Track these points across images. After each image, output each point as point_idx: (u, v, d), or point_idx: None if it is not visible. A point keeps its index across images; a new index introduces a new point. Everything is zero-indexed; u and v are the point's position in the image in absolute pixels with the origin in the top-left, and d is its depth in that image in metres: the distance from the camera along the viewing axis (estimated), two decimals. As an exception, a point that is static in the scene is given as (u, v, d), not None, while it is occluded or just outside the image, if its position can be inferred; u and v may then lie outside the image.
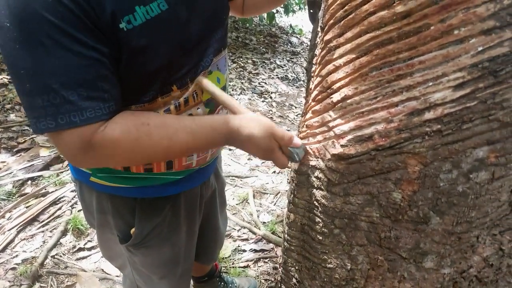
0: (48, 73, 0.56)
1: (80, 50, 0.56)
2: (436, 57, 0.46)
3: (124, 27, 0.60)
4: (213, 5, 0.76)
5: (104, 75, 0.60)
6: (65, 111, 0.57)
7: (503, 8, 0.41)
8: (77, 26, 0.55)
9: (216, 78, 0.81)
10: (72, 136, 0.60)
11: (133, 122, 0.64)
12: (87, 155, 0.62)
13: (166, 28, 0.65)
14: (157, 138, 0.64)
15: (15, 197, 2.02)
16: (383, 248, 0.61)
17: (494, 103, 0.45)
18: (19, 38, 0.54)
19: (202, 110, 0.80)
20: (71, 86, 0.57)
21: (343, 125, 0.57)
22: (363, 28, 0.51)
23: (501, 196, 0.52)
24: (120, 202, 0.85)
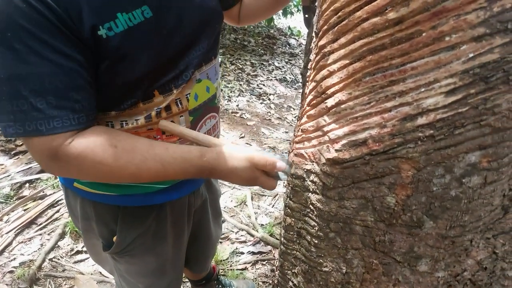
0: (18, 78, 0.55)
1: (53, 58, 0.55)
2: (428, 63, 0.46)
3: (104, 34, 0.59)
4: (204, 15, 0.75)
5: (77, 85, 0.59)
6: (32, 118, 0.56)
7: (493, 15, 0.42)
8: (53, 32, 0.54)
9: (205, 87, 0.80)
10: (40, 144, 0.59)
11: (101, 141, 0.62)
12: (55, 164, 0.61)
13: (148, 36, 0.64)
14: (123, 162, 0.62)
15: (13, 200, 2.02)
16: (378, 252, 0.61)
17: (486, 108, 0.46)
18: None
19: (185, 119, 0.78)
20: (40, 93, 0.56)
21: (338, 130, 0.58)
22: (356, 34, 0.51)
23: (494, 200, 0.53)
24: (103, 209, 0.84)
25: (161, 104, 0.73)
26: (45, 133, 0.58)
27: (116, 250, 0.87)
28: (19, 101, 0.56)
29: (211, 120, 0.86)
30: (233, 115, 3.75)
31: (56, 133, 0.58)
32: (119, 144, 0.63)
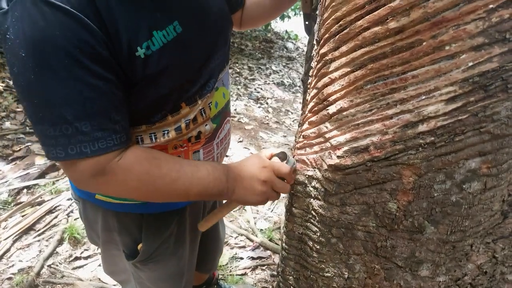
0: (62, 104, 0.56)
1: (94, 82, 0.57)
2: (429, 71, 0.47)
3: (142, 54, 0.61)
4: (220, 23, 0.77)
5: (116, 106, 0.62)
6: (76, 141, 0.58)
7: (491, 25, 0.43)
8: (93, 58, 0.56)
9: (222, 94, 0.82)
10: (84, 165, 0.61)
11: (145, 155, 0.66)
12: (98, 182, 0.64)
13: (181, 50, 0.67)
14: (165, 170, 0.67)
15: (10, 206, 2.01)
16: (380, 257, 0.62)
17: (485, 116, 0.47)
18: (35, 68, 0.54)
19: (210, 126, 0.82)
20: (84, 117, 0.58)
21: (339, 137, 0.58)
22: (357, 43, 0.52)
23: (493, 206, 0.54)
24: (126, 218, 0.86)
25: (189, 115, 0.75)
26: (89, 155, 0.59)
27: (142, 258, 0.88)
28: (63, 125, 0.57)
29: (227, 124, 0.90)
30: (231, 119, 3.75)
31: (101, 154, 0.60)
32: (161, 156, 0.68)
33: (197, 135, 0.80)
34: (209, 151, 0.86)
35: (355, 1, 0.51)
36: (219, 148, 0.90)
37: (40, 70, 0.54)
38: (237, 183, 0.70)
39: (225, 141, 0.94)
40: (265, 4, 0.92)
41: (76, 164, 0.62)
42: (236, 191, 0.71)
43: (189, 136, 0.79)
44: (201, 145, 0.83)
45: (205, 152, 0.85)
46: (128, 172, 0.64)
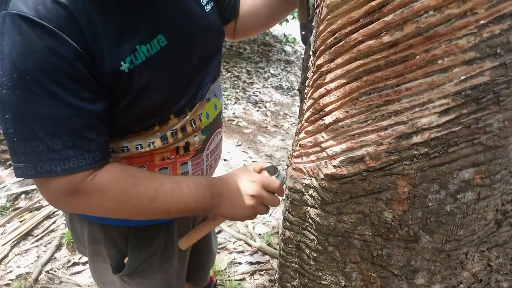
0: (35, 120, 0.56)
1: (71, 101, 0.56)
2: (422, 84, 0.48)
3: (126, 69, 0.61)
4: (211, 35, 0.78)
5: (93, 124, 0.61)
6: (46, 159, 0.57)
7: (482, 40, 0.43)
8: (70, 75, 0.55)
9: (213, 105, 0.83)
10: (56, 184, 0.60)
11: (121, 173, 0.65)
12: (71, 201, 0.63)
13: (166, 64, 0.67)
14: (143, 188, 0.65)
15: (8, 211, 2.01)
16: (376, 266, 0.62)
17: (478, 128, 0.48)
18: (9, 84, 0.54)
19: (199, 138, 0.81)
20: (57, 134, 0.57)
21: (335, 147, 0.59)
22: (352, 55, 0.53)
23: (487, 215, 0.54)
24: (112, 231, 0.84)
25: (176, 126, 0.75)
26: (59, 173, 0.58)
27: (127, 271, 0.87)
28: (33, 142, 0.56)
29: (218, 136, 0.89)
30: (230, 123, 3.76)
31: (71, 173, 0.59)
32: (138, 173, 0.67)
33: (185, 146, 0.80)
34: (198, 163, 0.86)
35: (350, 15, 0.52)
36: (208, 160, 0.90)
37: (13, 86, 0.54)
38: (223, 199, 0.70)
39: (216, 152, 0.93)
40: (260, 15, 0.92)
41: (48, 183, 0.60)
42: (222, 207, 0.70)
43: (176, 146, 0.78)
44: (190, 156, 0.82)
45: (193, 164, 0.85)
46: (103, 191, 0.63)
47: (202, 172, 0.87)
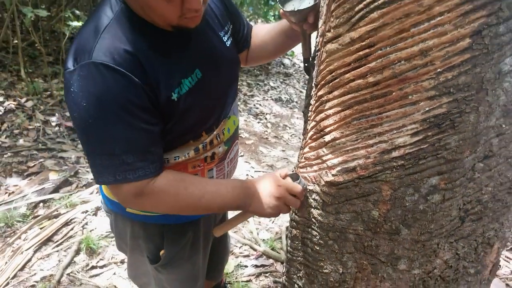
0: (113, 141, 0.73)
1: (138, 125, 0.74)
2: (398, 113, 0.64)
3: (175, 98, 0.78)
4: (232, 65, 0.95)
5: (155, 142, 0.78)
6: (122, 170, 0.75)
7: (440, 83, 0.60)
8: (138, 106, 0.73)
9: (233, 121, 1.00)
10: (128, 188, 0.77)
11: (174, 178, 0.82)
12: (139, 201, 0.80)
13: (201, 92, 0.84)
14: (191, 190, 0.82)
15: (29, 219, 2.14)
16: (367, 255, 0.78)
17: (440, 145, 0.64)
18: (94, 115, 0.70)
19: (222, 148, 0.98)
20: (130, 151, 0.74)
21: (334, 159, 0.75)
22: (346, 89, 0.69)
23: (452, 212, 0.70)
24: (151, 228, 1.01)
25: (206, 140, 0.92)
26: (131, 180, 0.76)
27: (163, 262, 1.04)
28: (112, 157, 0.73)
29: (236, 146, 1.07)
30: (233, 135, 3.91)
31: (141, 180, 0.76)
32: (186, 178, 0.84)
33: (212, 156, 0.97)
34: (220, 169, 1.03)
35: (344, 60, 0.68)
36: (229, 166, 1.07)
37: (97, 116, 0.71)
38: (254, 199, 0.85)
39: (234, 160, 1.10)
40: (268, 48, 1.09)
41: (121, 188, 0.78)
42: (253, 205, 0.86)
43: (205, 156, 0.95)
44: (215, 164, 1.00)
45: (217, 170, 1.02)
46: (161, 193, 0.80)
47: (224, 176, 1.04)
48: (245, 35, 1.08)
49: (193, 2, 0.70)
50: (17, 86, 3.70)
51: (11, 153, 2.73)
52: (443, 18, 0.57)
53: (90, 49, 0.70)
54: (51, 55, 4.33)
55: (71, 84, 0.71)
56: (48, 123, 3.21)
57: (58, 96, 3.58)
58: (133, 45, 0.72)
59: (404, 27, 0.59)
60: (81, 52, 0.71)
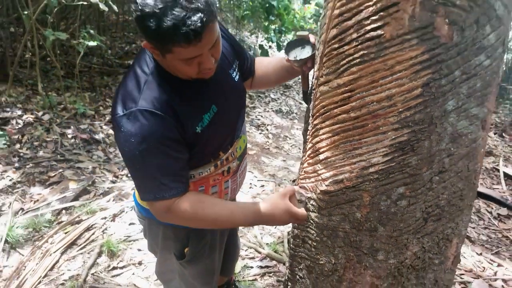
0: (155, 168, 0.95)
1: (174, 154, 0.96)
2: (372, 140, 0.86)
3: (199, 131, 1.01)
4: (241, 96, 1.18)
5: (184, 166, 1.01)
6: (160, 190, 0.96)
7: (401, 119, 0.82)
8: (173, 140, 0.95)
9: (243, 140, 1.22)
10: (162, 204, 0.99)
11: (194, 199, 1.02)
12: (167, 216, 1.02)
13: (219, 122, 1.06)
14: (207, 212, 1.02)
15: (54, 224, 2.35)
16: (353, 248, 0.99)
17: (404, 164, 0.86)
18: (139, 148, 0.92)
19: (236, 163, 1.22)
20: (166, 175, 0.96)
21: (326, 173, 0.97)
22: (334, 121, 0.91)
23: (416, 214, 0.92)
24: (179, 231, 1.23)
25: (223, 157, 1.15)
26: (167, 197, 0.97)
27: (188, 258, 1.26)
28: (154, 180, 0.96)
29: (245, 160, 1.30)
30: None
31: (173, 197, 0.97)
32: (205, 200, 1.04)
33: (228, 170, 1.20)
34: (234, 180, 1.26)
35: (332, 99, 0.90)
36: (240, 177, 1.30)
37: (142, 149, 0.93)
38: (265, 223, 1.05)
39: (244, 171, 1.34)
40: (270, 78, 1.33)
41: (156, 205, 0.99)
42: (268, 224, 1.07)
43: (222, 170, 1.18)
44: (230, 176, 1.22)
45: (232, 181, 1.25)
46: (183, 212, 1.00)
47: (236, 185, 1.27)
48: (249, 66, 1.31)
49: (207, 63, 0.92)
50: (33, 100, 3.94)
51: (33, 163, 2.95)
52: (401, 74, 0.79)
53: (136, 99, 0.93)
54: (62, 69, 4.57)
55: (121, 125, 0.93)
56: (64, 135, 3.43)
57: (72, 109, 3.81)
58: (167, 95, 0.95)
59: (375, 79, 0.82)
60: (129, 101, 0.94)
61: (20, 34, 4.62)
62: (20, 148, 3.09)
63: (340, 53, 0.86)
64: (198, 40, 0.82)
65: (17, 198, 2.53)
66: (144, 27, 0.80)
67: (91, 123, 3.73)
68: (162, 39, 0.81)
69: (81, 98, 4.09)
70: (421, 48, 0.78)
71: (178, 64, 0.90)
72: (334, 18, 0.86)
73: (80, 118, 3.73)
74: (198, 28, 0.79)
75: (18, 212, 2.39)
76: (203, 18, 0.78)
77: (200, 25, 0.79)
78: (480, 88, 0.84)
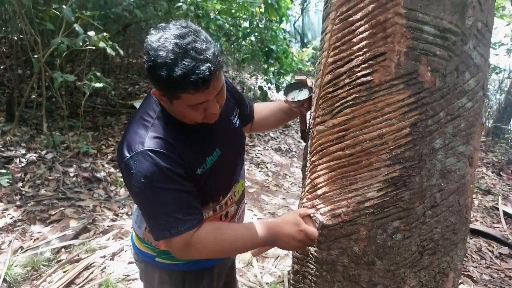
0: (166, 205, 0.97)
1: (183, 189, 0.99)
2: (367, 175, 0.92)
3: (199, 172, 1.05)
4: (241, 140, 1.24)
5: (195, 199, 1.03)
6: (175, 225, 0.97)
7: (393, 156, 0.88)
8: (179, 176, 0.99)
9: (241, 184, 1.27)
10: (179, 239, 0.99)
11: (212, 227, 1.04)
12: (187, 250, 1.01)
13: (220, 166, 1.11)
14: (226, 236, 1.03)
15: (53, 263, 2.33)
16: (352, 282, 1.01)
17: (397, 198, 0.91)
18: (149, 187, 0.96)
19: (234, 208, 1.25)
20: (179, 210, 0.98)
21: (324, 208, 1.01)
22: (331, 157, 0.98)
23: (412, 248, 0.95)
24: (175, 274, 1.23)
25: (222, 202, 1.18)
26: (183, 232, 0.98)
27: None
28: (166, 217, 0.97)
29: (243, 204, 1.32)
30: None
31: (189, 230, 0.99)
32: (222, 226, 1.07)
33: (226, 214, 1.22)
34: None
35: (329, 137, 0.97)
36: (238, 221, 1.32)
37: (152, 188, 0.96)
38: (278, 239, 1.04)
39: (242, 216, 1.36)
40: (269, 122, 1.41)
41: (174, 241, 0.99)
42: (277, 243, 1.06)
43: (220, 214, 1.21)
44: (228, 221, 1.24)
45: None
46: (204, 240, 1.01)
47: None
48: (248, 113, 1.39)
49: (213, 109, 0.98)
50: (37, 139, 4.02)
51: (34, 202, 2.97)
52: (391, 115, 0.87)
53: (142, 141, 0.98)
54: (66, 109, 4.70)
55: (130, 167, 0.97)
56: (67, 174, 3.47)
57: (75, 148, 3.89)
58: (171, 137, 1.00)
59: (367, 119, 0.89)
60: (134, 143, 0.98)
61: (27, 76, 4.81)
62: (23, 186, 3.11)
63: (334, 96, 0.94)
64: (206, 87, 0.89)
65: (17, 236, 2.52)
66: (155, 76, 0.88)
67: (93, 161, 3.79)
68: (172, 86, 0.89)
69: (84, 137, 4.18)
70: (408, 92, 0.86)
71: (185, 109, 0.96)
72: (328, 65, 0.95)
73: (82, 157, 3.79)
74: (206, 76, 0.86)
75: (17, 251, 2.38)
76: (211, 67, 0.87)
77: (208, 74, 0.87)
78: (465, 128, 0.92)
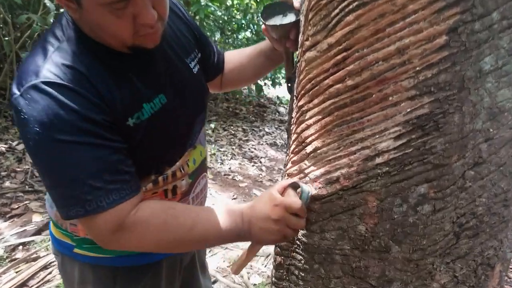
0: (75, 166, 0.64)
1: (99, 142, 0.66)
2: (379, 116, 0.61)
3: (131, 123, 0.71)
4: (199, 94, 0.91)
5: (123, 159, 0.70)
6: (92, 197, 0.64)
7: (419, 81, 0.58)
8: (95, 123, 0.66)
9: (199, 152, 0.94)
10: (104, 219, 0.66)
11: (161, 207, 0.72)
12: (118, 237, 0.69)
13: (166, 119, 0.78)
14: (182, 219, 0.71)
15: (5, 262, 2.01)
16: (356, 278, 0.70)
17: (425, 149, 0.60)
18: (45, 137, 0.63)
19: (186, 182, 0.90)
20: (96, 174, 0.65)
21: (316, 171, 0.70)
22: (325, 96, 0.67)
23: (445, 226, 0.64)
24: (102, 271, 0.88)
25: (168, 172, 0.85)
26: (106, 208, 0.65)
27: None
28: (78, 185, 0.64)
29: (203, 180, 0.99)
30: (226, 177, 3.86)
31: (117, 204, 0.66)
32: (176, 206, 0.74)
33: (173, 189, 0.88)
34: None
35: (322, 66, 0.66)
36: (194, 202, 0.97)
37: (51, 140, 0.63)
38: (252, 225, 0.73)
39: (201, 195, 1.01)
40: (246, 71, 1.07)
41: (96, 221, 0.66)
42: (252, 232, 0.73)
43: (164, 189, 0.86)
44: (177, 199, 0.90)
45: None
46: (146, 224, 0.69)
47: None
48: (215, 62, 1.06)
49: (145, 17, 0.64)
50: (11, 130, 3.71)
51: (-4, 194, 2.65)
52: (417, 15, 0.56)
53: (37, 71, 0.64)
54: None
55: (20, 110, 0.64)
56: (37, 165, 3.16)
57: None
58: (84, 65, 0.67)
59: (380, 27, 0.58)
60: (27, 75, 0.65)
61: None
62: (-15, 178, 2.80)
63: (330, 1, 0.63)
64: None
65: (-31, 231, 2.20)
66: None
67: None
68: None
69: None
70: (443, -21, 0.55)
71: (103, 16, 0.63)
72: (320, -45, 0.64)
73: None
74: None
75: (-34, 248, 2.06)
76: None
77: None
78: (525, 46, 0.61)
